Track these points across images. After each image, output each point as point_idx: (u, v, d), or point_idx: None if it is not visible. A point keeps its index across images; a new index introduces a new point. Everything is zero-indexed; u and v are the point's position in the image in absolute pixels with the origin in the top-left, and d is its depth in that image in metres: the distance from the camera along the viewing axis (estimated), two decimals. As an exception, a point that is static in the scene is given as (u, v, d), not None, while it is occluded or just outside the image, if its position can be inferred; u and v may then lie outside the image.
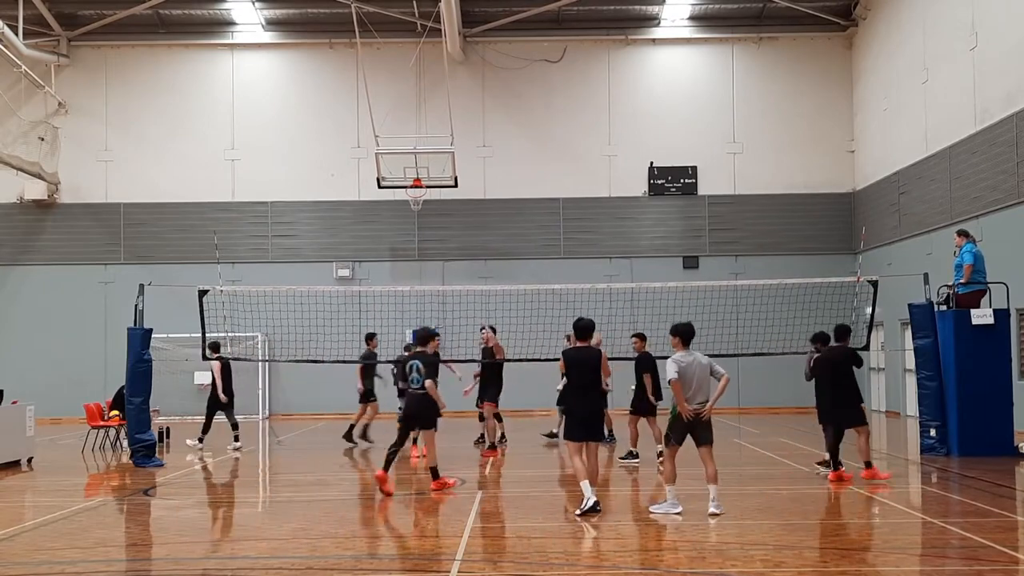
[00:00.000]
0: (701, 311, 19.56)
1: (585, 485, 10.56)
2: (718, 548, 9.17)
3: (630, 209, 28.81)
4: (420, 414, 12.82)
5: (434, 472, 12.76)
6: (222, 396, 18.62)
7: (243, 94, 29.03)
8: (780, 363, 19.62)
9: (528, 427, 21.61)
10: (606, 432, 17.43)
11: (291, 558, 9.24)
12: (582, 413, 10.86)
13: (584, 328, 11.10)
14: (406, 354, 20.45)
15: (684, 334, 10.86)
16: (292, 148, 28.81)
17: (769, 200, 28.66)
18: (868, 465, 13.18)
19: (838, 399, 13.33)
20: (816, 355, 13.80)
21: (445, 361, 17.62)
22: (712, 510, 10.49)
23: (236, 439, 18.87)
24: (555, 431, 18.71)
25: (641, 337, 15.81)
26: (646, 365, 15.31)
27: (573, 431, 10.88)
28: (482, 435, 17.97)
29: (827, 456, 14.20)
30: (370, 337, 18.84)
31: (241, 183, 28.78)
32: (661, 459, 13.16)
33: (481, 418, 17.71)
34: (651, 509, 10.86)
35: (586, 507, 10.47)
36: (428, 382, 12.58)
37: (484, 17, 28.50)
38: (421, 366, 12.75)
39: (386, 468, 12.43)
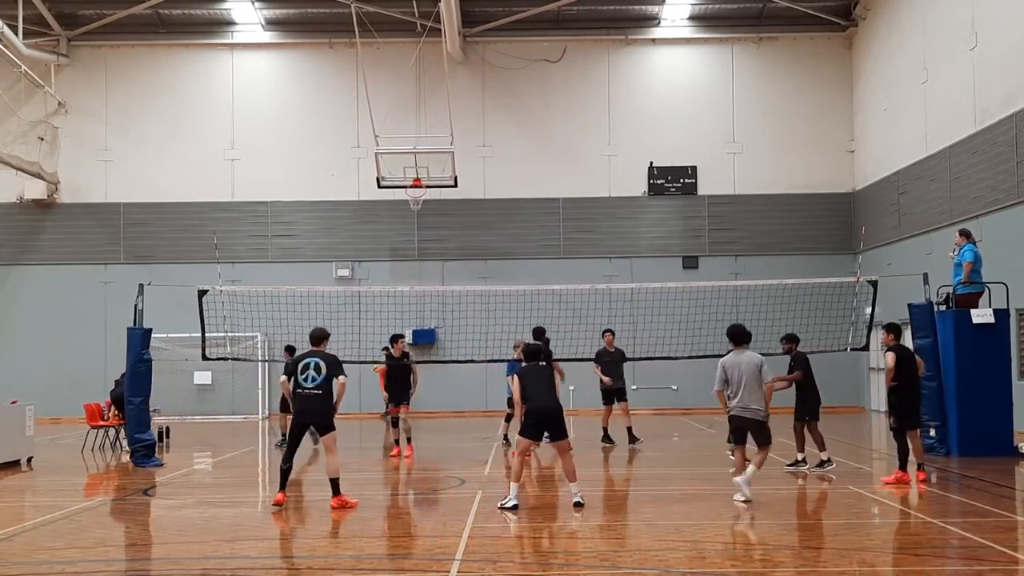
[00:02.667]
0: (701, 311, 19.60)
1: (514, 487, 11.05)
2: (718, 548, 9.17)
3: (630, 209, 28.80)
4: (318, 417, 11.40)
5: (335, 485, 11.37)
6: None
7: (243, 94, 29.03)
8: (780, 364, 19.58)
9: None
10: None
11: (291, 558, 9.24)
12: (540, 413, 11.20)
13: (534, 353, 11.84)
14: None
15: (731, 336, 11.64)
16: (292, 148, 28.81)
17: (769, 200, 28.66)
18: (921, 467, 13.13)
19: (914, 400, 13.22)
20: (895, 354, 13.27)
21: (445, 362, 17.65)
22: (741, 496, 11.23)
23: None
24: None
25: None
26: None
27: (528, 429, 11.28)
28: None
29: (799, 456, 14.30)
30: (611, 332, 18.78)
31: (241, 183, 28.77)
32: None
33: (395, 423, 17.57)
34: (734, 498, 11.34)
35: (507, 504, 10.98)
36: (342, 378, 11.47)
37: (484, 17, 28.50)
38: (322, 364, 11.45)
39: (283, 487, 11.43)
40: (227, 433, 23.70)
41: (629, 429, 17.97)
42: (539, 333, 17.60)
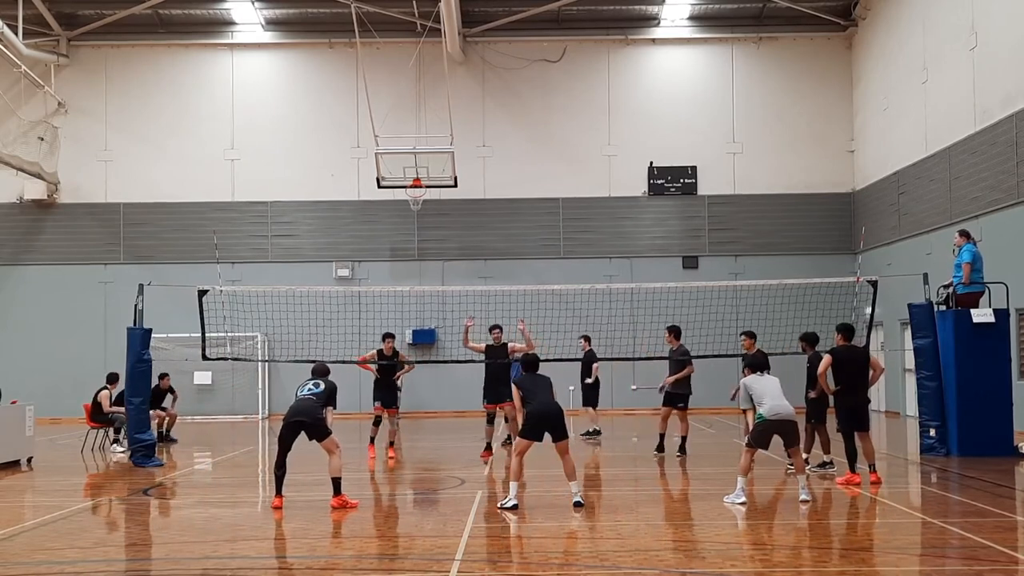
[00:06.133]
0: (701, 311, 19.61)
1: (513, 485, 11.17)
2: (718, 548, 9.17)
3: (630, 209, 28.80)
4: (309, 417, 11.42)
5: (337, 485, 11.46)
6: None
7: (243, 94, 29.02)
8: (779, 364, 19.54)
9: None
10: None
11: (291, 558, 9.24)
12: (540, 414, 11.33)
13: (533, 363, 12.01)
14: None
15: (755, 364, 12.20)
16: (292, 148, 28.81)
17: (769, 200, 28.66)
18: (873, 469, 13.06)
19: (859, 402, 13.08)
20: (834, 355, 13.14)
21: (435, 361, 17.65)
22: (803, 497, 11.24)
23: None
24: (593, 429, 19.07)
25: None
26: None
27: (528, 430, 11.40)
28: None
29: (826, 458, 14.22)
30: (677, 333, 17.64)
31: (241, 183, 28.77)
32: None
33: (376, 422, 17.49)
34: (724, 499, 11.39)
35: (507, 504, 11.08)
36: (332, 409, 11.78)
37: (484, 17, 28.50)
38: (322, 384, 11.79)
39: (279, 492, 11.44)
40: (227, 433, 23.70)
41: (683, 439, 16.79)
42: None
